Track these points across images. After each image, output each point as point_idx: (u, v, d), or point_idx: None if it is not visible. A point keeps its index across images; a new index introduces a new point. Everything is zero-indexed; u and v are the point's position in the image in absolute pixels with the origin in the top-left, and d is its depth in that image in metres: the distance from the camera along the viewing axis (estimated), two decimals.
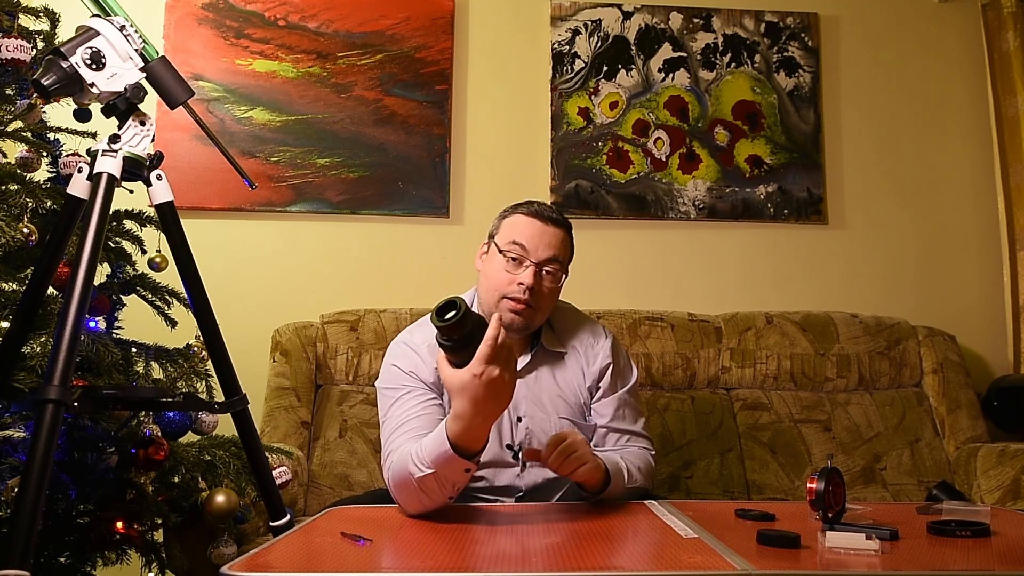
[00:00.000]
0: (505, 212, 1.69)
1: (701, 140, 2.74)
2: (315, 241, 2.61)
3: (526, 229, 1.62)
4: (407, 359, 1.61)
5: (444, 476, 1.28)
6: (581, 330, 1.73)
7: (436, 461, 1.28)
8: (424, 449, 1.30)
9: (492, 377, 1.20)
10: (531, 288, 1.57)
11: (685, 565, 0.99)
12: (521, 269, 1.59)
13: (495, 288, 1.61)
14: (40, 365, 1.43)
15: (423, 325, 1.67)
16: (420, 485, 1.30)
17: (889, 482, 2.33)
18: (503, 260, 1.61)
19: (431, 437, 1.31)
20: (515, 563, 1.05)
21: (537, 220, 1.62)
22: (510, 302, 1.58)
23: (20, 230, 1.49)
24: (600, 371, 1.68)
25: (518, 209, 1.66)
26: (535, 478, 1.61)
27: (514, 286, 1.58)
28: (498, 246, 1.62)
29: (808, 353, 2.48)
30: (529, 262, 1.59)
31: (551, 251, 1.61)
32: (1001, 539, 1.17)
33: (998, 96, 2.76)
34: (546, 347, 1.68)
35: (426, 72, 2.68)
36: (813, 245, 2.77)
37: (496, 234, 1.66)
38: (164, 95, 1.38)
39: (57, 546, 1.58)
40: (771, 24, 2.81)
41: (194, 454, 1.68)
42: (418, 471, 1.29)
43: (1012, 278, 2.70)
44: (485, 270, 1.66)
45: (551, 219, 1.64)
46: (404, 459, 1.34)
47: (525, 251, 1.60)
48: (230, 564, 0.97)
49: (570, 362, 1.69)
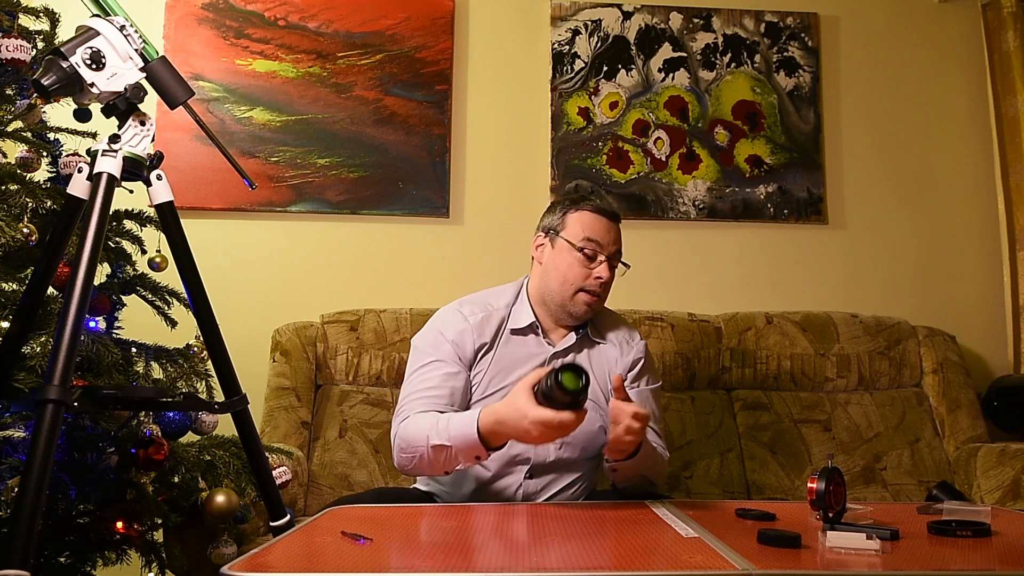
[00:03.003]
0: (565, 207, 1.77)
1: (701, 140, 2.74)
2: (315, 241, 2.61)
3: (597, 225, 1.72)
4: (454, 328, 1.69)
5: (455, 453, 1.44)
6: (620, 326, 1.83)
7: (457, 439, 1.43)
8: (450, 424, 1.45)
9: (531, 433, 1.33)
10: (605, 281, 1.70)
11: (685, 565, 0.99)
12: (595, 264, 1.70)
13: (571, 283, 1.70)
14: (40, 365, 1.42)
15: (473, 300, 1.77)
16: (430, 451, 1.46)
17: (889, 482, 2.33)
18: (577, 256, 1.70)
19: (461, 416, 1.46)
20: (515, 563, 1.05)
21: (604, 217, 1.74)
22: (586, 295, 1.69)
23: (20, 230, 1.49)
24: (632, 363, 1.76)
25: (582, 205, 1.75)
26: (545, 453, 1.66)
27: (591, 280, 1.69)
28: (571, 243, 1.71)
29: (808, 353, 2.48)
30: (603, 257, 1.70)
31: (617, 245, 1.74)
32: (1001, 539, 1.17)
33: (998, 96, 2.76)
34: (589, 335, 1.77)
35: (426, 72, 2.68)
36: (813, 245, 2.77)
37: (561, 229, 1.74)
38: (164, 95, 1.38)
39: (57, 546, 1.57)
40: (771, 24, 2.81)
41: (194, 454, 1.68)
42: (436, 438, 1.45)
43: (1012, 278, 2.70)
44: (555, 264, 1.73)
45: (613, 214, 1.75)
46: (423, 424, 1.50)
47: (600, 247, 1.71)
48: (230, 564, 0.97)
49: (606, 351, 1.77)
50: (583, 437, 1.64)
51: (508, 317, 1.73)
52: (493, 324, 1.71)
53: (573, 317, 1.72)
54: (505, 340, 1.71)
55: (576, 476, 1.71)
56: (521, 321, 1.72)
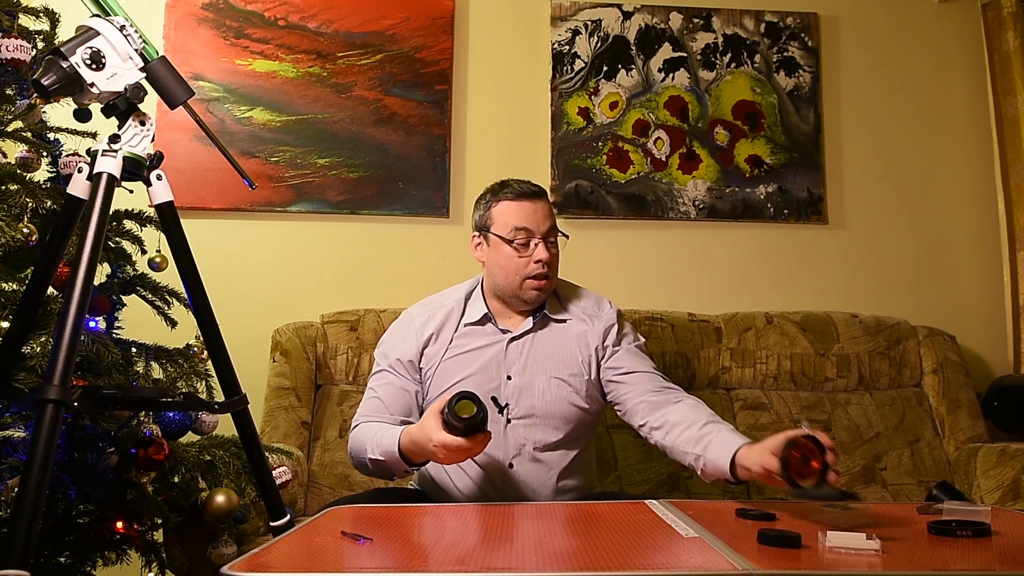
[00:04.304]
0: (487, 201, 1.78)
1: (701, 140, 2.74)
2: (315, 241, 2.61)
3: (521, 211, 1.72)
4: (399, 335, 1.79)
5: (389, 465, 1.56)
6: (586, 300, 1.84)
7: (386, 455, 1.54)
8: (381, 441, 1.55)
9: (436, 455, 1.42)
10: (547, 262, 1.70)
11: (686, 565, 0.99)
12: (531, 249, 1.71)
13: (515, 273, 1.72)
14: (40, 365, 1.42)
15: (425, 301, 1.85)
16: (370, 462, 1.59)
17: (889, 482, 2.33)
18: (511, 248, 1.71)
19: (389, 436, 1.54)
20: (515, 563, 1.04)
21: (525, 201, 1.73)
22: (532, 281, 1.71)
23: (20, 230, 1.49)
24: (605, 331, 1.78)
25: (501, 196, 1.75)
26: (520, 436, 1.70)
27: (532, 265, 1.71)
28: (501, 236, 1.72)
29: (808, 353, 2.48)
30: (537, 239, 1.71)
31: (548, 221, 1.73)
32: (1002, 539, 1.16)
33: (998, 96, 2.76)
34: (549, 315, 1.78)
35: (426, 72, 2.68)
36: (813, 245, 2.77)
37: (490, 224, 1.75)
38: (164, 95, 1.38)
39: (57, 546, 1.57)
40: (771, 24, 2.81)
41: (194, 454, 1.68)
42: (372, 453, 1.57)
43: (1012, 278, 2.70)
44: (496, 260, 1.75)
45: (534, 193, 1.75)
46: (364, 438, 1.61)
47: (530, 232, 1.71)
48: (230, 564, 0.97)
49: (572, 327, 1.79)
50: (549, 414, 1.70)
51: (464, 311, 1.79)
52: (439, 318, 1.77)
53: (528, 303, 1.75)
54: (461, 333, 1.76)
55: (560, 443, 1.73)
56: (475, 315, 1.77)
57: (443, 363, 1.74)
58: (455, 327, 1.77)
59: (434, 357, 1.74)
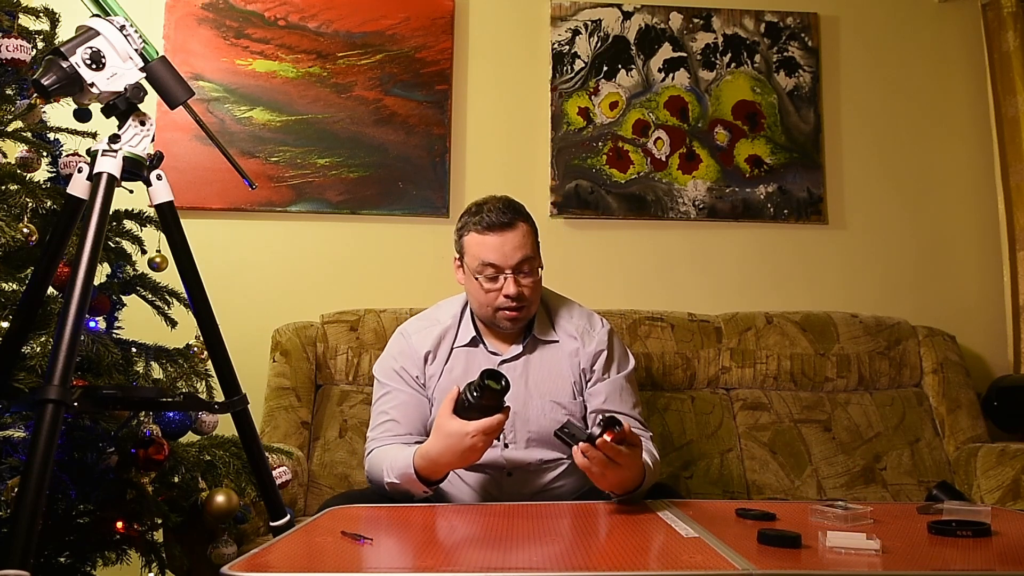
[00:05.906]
0: (461, 227, 1.73)
1: (701, 140, 2.74)
2: (315, 241, 2.61)
3: (486, 246, 1.66)
4: (399, 350, 1.77)
5: (406, 489, 1.53)
6: (576, 318, 1.79)
7: (401, 477, 1.52)
8: (395, 465, 1.54)
9: (476, 445, 1.40)
10: (516, 295, 1.65)
11: (686, 565, 0.99)
12: (500, 282, 1.66)
13: (486, 304, 1.69)
14: (40, 365, 1.42)
15: (420, 316, 1.85)
16: (389, 487, 1.56)
17: (889, 482, 2.33)
18: (480, 281, 1.67)
19: (403, 457, 1.52)
20: (515, 563, 1.05)
21: (492, 234, 1.66)
22: (504, 312, 1.68)
23: (20, 230, 1.48)
24: (594, 355, 1.74)
25: (470, 226, 1.69)
26: (518, 455, 1.69)
27: (501, 298, 1.66)
28: (470, 269, 1.69)
29: (808, 353, 2.48)
30: (505, 274, 1.65)
31: (519, 253, 1.66)
32: (1002, 539, 1.17)
33: (998, 96, 2.76)
34: (538, 336, 1.76)
35: (426, 72, 2.67)
36: (813, 245, 2.77)
37: (463, 254, 1.72)
38: (164, 95, 1.38)
39: (57, 546, 1.57)
40: (771, 24, 2.81)
41: (194, 454, 1.68)
42: (388, 477, 1.55)
43: (1012, 278, 2.70)
44: (469, 288, 1.74)
45: (504, 224, 1.66)
46: (380, 462, 1.60)
47: (497, 268, 1.66)
48: (230, 564, 0.97)
49: (563, 348, 1.76)
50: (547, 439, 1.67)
51: (458, 332, 1.77)
52: (435, 335, 1.75)
53: (504, 331, 1.73)
54: (455, 354, 1.74)
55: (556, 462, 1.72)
56: (465, 338, 1.76)
57: (439, 385, 1.72)
58: (450, 348, 1.75)
59: (432, 377, 1.73)
